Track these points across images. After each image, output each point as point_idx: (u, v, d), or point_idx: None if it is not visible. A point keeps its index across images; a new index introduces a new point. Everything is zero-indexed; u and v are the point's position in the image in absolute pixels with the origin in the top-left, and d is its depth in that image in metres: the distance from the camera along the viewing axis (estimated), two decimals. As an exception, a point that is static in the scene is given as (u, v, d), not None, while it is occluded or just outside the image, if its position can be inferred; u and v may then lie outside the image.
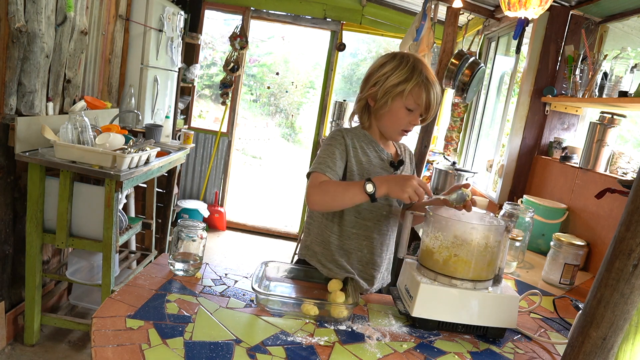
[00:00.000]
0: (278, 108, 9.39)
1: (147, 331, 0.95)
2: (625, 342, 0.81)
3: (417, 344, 1.07)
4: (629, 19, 2.24)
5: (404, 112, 1.35)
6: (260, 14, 4.51)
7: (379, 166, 1.40)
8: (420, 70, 1.32)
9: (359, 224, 1.38)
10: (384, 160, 1.42)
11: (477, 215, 1.24)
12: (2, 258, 2.29)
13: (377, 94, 1.34)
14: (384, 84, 1.33)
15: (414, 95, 1.32)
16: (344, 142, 1.37)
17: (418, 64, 1.34)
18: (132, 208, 3.16)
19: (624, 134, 2.42)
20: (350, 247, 1.39)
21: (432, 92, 1.33)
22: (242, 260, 4.18)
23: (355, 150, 1.38)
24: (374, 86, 1.35)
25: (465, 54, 3.18)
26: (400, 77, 1.32)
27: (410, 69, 1.32)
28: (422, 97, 1.32)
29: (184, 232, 1.26)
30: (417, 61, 1.35)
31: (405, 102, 1.33)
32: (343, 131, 1.41)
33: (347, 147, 1.37)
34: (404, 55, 1.36)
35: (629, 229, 0.73)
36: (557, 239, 1.70)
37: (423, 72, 1.32)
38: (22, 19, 2.10)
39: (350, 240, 1.38)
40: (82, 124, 2.26)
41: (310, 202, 1.27)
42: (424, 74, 1.32)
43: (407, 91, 1.31)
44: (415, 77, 1.31)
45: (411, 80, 1.31)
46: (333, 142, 1.37)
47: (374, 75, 1.36)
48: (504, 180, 2.69)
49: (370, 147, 1.41)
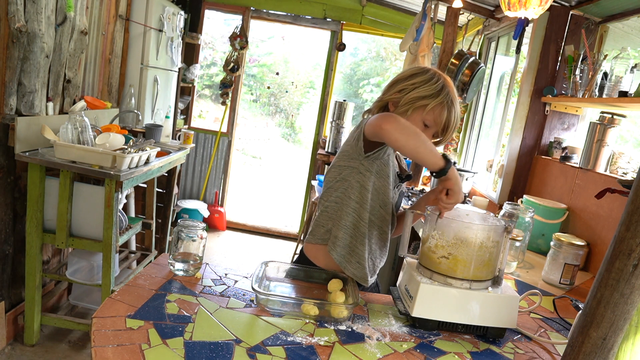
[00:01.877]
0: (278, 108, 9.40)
1: (147, 331, 0.95)
2: (625, 342, 0.81)
3: (417, 344, 1.07)
4: (629, 19, 2.24)
5: (420, 126, 1.35)
6: (260, 14, 4.51)
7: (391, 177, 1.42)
8: (447, 92, 1.33)
9: (379, 213, 1.38)
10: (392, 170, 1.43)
11: (478, 215, 1.24)
12: (2, 258, 2.29)
13: (399, 101, 1.35)
14: (410, 94, 1.34)
15: (435, 112, 1.33)
16: None
17: (448, 85, 1.35)
18: (132, 208, 3.16)
19: (624, 134, 2.42)
20: (366, 235, 1.37)
21: (452, 115, 1.34)
22: (242, 260, 4.18)
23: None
24: (399, 93, 1.36)
25: (465, 54, 3.18)
26: (428, 92, 1.33)
27: (440, 87, 1.33)
28: (443, 117, 1.33)
29: (184, 232, 1.26)
30: (447, 82, 1.36)
31: (425, 116, 1.34)
32: None
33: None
34: (437, 72, 1.37)
35: (629, 229, 0.73)
36: (557, 239, 1.70)
37: (450, 94, 1.33)
38: (22, 19, 2.10)
39: (367, 228, 1.37)
40: (82, 124, 2.26)
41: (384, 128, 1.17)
42: (450, 97, 1.33)
43: (430, 107, 1.32)
44: (442, 97, 1.32)
45: (437, 97, 1.32)
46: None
47: (402, 83, 1.37)
48: (504, 180, 2.69)
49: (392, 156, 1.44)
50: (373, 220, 1.38)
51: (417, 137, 1.17)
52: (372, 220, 1.38)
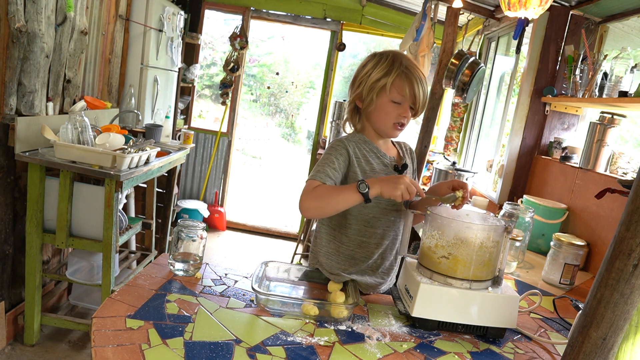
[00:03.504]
0: (278, 108, 9.39)
1: (147, 331, 0.95)
2: (625, 342, 0.81)
3: (417, 344, 1.07)
4: (629, 19, 2.24)
5: (391, 106, 1.34)
6: (260, 14, 4.51)
7: (384, 172, 1.38)
8: (400, 62, 1.31)
9: (368, 232, 1.35)
10: (388, 165, 1.40)
11: (478, 215, 1.24)
12: (2, 258, 2.29)
13: (362, 94, 1.34)
14: (367, 82, 1.34)
15: (396, 87, 1.31)
16: (346, 152, 1.34)
17: (397, 56, 1.33)
18: (132, 208, 3.15)
19: (624, 134, 2.42)
20: (362, 255, 1.36)
21: (415, 82, 1.31)
22: (242, 260, 4.18)
23: (358, 160, 1.36)
24: (359, 87, 1.35)
25: (465, 54, 3.18)
26: (381, 72, 1.32)
27: (390, 63, 1.32)
28: (406, 88, 1.31)
29: (184, 232, 1.26)
30: (396, 55, 1.34)
31: (390, 95, 1.32)
32: (345, 141, 1.37)
33: (350, 158, 1.34)
34: (384, 52, 1.36)
35: (629, 229, 0.73)
36: (557, 239, 1.70)
37: (403, 63, 1.31)
38: (22, 19, 2.09)
39: (361, 249, 1.36)
40: (82, 124, 2.26)
41: (302, 208, 1.23)
42: (404, 65, 1.31)
43: (390, 84, 1.31)
44: (396, 69, 1.31)
45: (392, 72, 1.31)
46: (333, 152, 1.33)
47: (358, 77, 1.37)
48: (504, 180, 2.68)
49: (372, 154, 1.39)
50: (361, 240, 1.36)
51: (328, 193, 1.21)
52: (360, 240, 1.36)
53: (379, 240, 1.36)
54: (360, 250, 1.36)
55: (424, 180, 3.57)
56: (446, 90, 3.43)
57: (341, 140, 1.38)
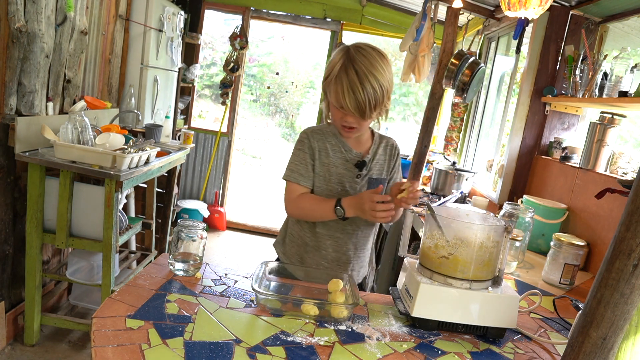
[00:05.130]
0: (278, 108, 9.39)
1: (147, 331, 0.95)
2: (625, 342, 0.82)
3: (417, 344, 1.07)
4: (629, 19, 2.24)
5: (334, 110, 1.31)
6: (260, 14, 4.51)
7: (343, 167, 1.40)
8: (345, 63, 1.22)
9: (322, 223, 1.42)
10: (350, 160, 1.40)
11: (478, 215, 1.24)
12: (2, 258, 2.29)
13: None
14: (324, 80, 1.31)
15: (334, 92, 1.26)
16: (309, 145, 1.39)
17: (350, 54, 1.23)
18: (132, 208, 3.16)
19: (624, 134, 2.42)
20: (318, 245, 1.44)
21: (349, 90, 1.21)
22: (242, 260, 4.18)
23: (320, 153, 1.38)
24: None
25: (465, 54, 3.18)
26: (327, 72, 1.27)
27: (334, 64, 1.25)
28: (340, 95, 1.23)
29: (184, 232, 1.26)
30: (348, 54, 1.24)
31: (331, 98, 1.29)
32: (309, 133, 1.41)
33: (312, 151, 1.38)
34: (346, 46, 1.28)
35: (629, 229, 0.73)
36: (557, 239, 1.70)
37: (349, 67, 1.21)
38: (22, 19, 2.09)
39: (317, 239, 1.44)
40: (82, 124, 2.26)
41: (288, 212, 1.42)
42: (351, 66, 1.21)
43: (329, 87, 1.26)
44: (338, 70, 1.23)
45: (331, 74, 1.25)
46: (301, 147, 1.40)
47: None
48: (504, 180, 2.68)
49: (337, 149, 1.39)
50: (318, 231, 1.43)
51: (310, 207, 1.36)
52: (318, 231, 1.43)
53: (332, 232, 1.43)
54: (317, 240, 1.44)
55: (424, 181, 3.57)
56: (446, 90, 3.43)
57: (306, 133, 1.42)
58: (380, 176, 1.46)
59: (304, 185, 1.39)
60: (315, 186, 1.42)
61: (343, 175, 1.40)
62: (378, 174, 1.45)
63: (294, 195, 1.38)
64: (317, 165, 1.39)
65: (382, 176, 1.46)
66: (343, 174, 1.40)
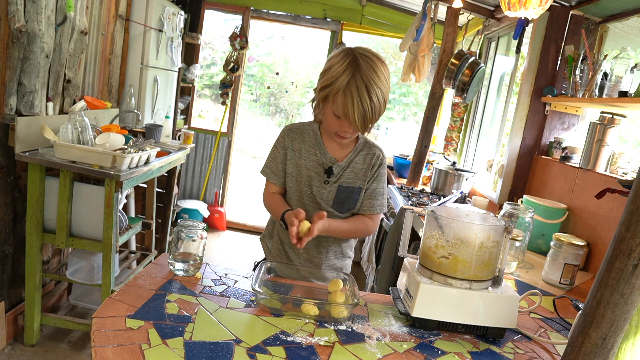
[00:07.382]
0: (278, 108, 9.39)
1: (147, 331, 0.95)
2: (625, 342, 0.82)
3: (417, 344, 1.07)
4: (629, 19, 2.24)
5: (332, 117, 1.25)
6: (260, 14, 4.51)
7: (314, 170, 1.39)
8: (352, 72, 1.17)
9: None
10: (322, 164, 1.38)
11: (478, 215, 1.24)
12: (2, 258, 2.29)
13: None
14: (319, 82, 1.25)
15: (338, 102, 1.20)
16: (283, 144, 1.40)
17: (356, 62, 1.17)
18: (132, 208, 3.16)
19: (624, 134, 2.42)
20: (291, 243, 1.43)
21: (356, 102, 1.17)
22: (242, 260, 4.18)
23: (293, 153, 1.38)
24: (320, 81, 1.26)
25: (465, 54, 3.18)
26: (330, 79, 1.20)
27: (341, 72, 1.18)
28: (345, 106, 1.19)
29: (184, 232, 1.26)
30: (355, 61, 1.17)
31: (332, 107, 1.23)
32: (287, 132, 1.41)
33: (285, 150, 1.39)
34: (350, 51, 1.21)
35: (629, 229, 0.73)
36: (557, 239, 1.70)
37: (356, 76, 1.16)
38: (22, 19, 2.09)
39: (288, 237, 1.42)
40: (82, 124, 2.26)
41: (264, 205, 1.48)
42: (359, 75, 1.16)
43: (332, 96, 1.20)
44: (344, 79, 1.17)
45: (336, 82, 1.18)
46: (277, 144, 1.42)
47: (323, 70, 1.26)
48: (504, 180, 2.68)
49: (312, 150, 1.37)
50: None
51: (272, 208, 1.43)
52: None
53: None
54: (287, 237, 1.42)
55: (424, 181, 3.57)
56: (446, 90, 3.43)
57: (284, 132, 1.42)
58: (354, 185, 1.40)
59: (272, 182, 1.44)
60: (288, 185, 1.43)
61: (312, 178, 1.39)
62: (351, 182, 1.40)
63: (267, 191, 1.46)
64: (289, 165, 1.40)
65: (356, 185, 1.40)
66: (313, 177, 1.38)
